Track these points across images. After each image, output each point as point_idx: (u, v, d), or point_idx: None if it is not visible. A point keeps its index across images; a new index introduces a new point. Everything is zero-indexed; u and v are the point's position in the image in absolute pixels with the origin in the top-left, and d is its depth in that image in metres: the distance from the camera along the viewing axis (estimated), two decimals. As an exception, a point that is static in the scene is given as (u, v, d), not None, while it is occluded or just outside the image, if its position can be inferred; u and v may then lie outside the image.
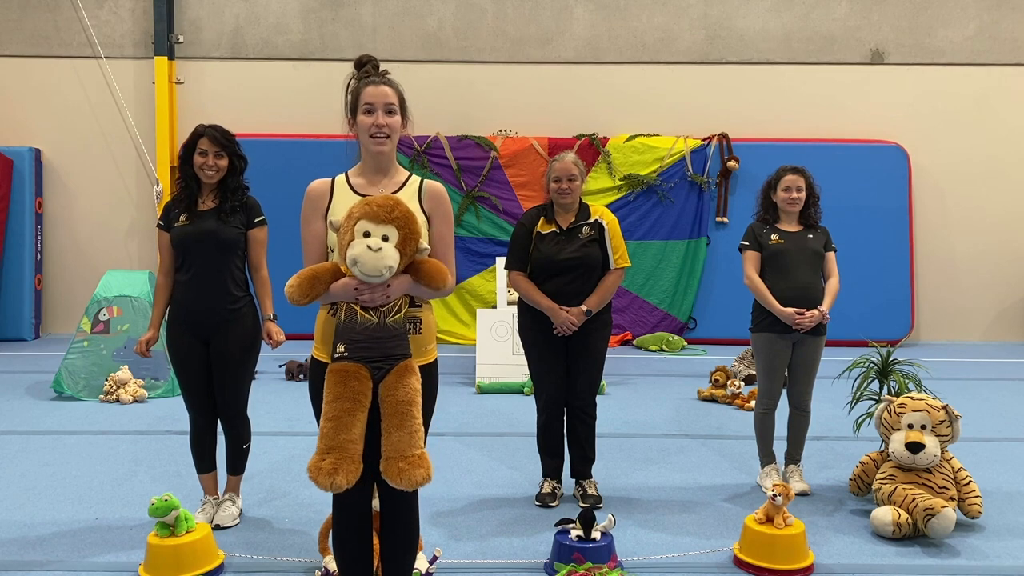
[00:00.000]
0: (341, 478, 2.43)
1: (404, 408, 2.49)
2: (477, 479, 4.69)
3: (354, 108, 2.70)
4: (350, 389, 2.46)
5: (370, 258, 2.42)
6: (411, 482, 2.47)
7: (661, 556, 3.63)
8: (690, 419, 6.16)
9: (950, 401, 4.22)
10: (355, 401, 2.46)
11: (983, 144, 10.05)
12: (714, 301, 9.77)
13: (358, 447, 2.48)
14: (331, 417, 2.46)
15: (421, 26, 10.04)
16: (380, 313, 2.51)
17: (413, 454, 2.48)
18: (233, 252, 3.85)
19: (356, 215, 2.47)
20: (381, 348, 2.50)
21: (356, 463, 2.47)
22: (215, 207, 3.84)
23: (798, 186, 4.43)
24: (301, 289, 2.47)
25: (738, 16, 10.05)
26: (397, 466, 2.47)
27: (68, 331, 9.24)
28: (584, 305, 4.12)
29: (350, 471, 2.45)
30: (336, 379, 2.48)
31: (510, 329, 7.15)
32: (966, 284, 10.19)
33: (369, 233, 2.45)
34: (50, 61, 10.02)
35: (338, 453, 2.44)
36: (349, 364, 2.48)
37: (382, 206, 2.46)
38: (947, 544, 3.82)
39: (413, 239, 2.50)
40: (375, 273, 2.43)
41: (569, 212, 4.23)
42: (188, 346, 3.84)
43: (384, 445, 2.50)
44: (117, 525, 3.96)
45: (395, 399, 2.48)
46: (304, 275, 2.49)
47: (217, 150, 3.80)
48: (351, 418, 2.46)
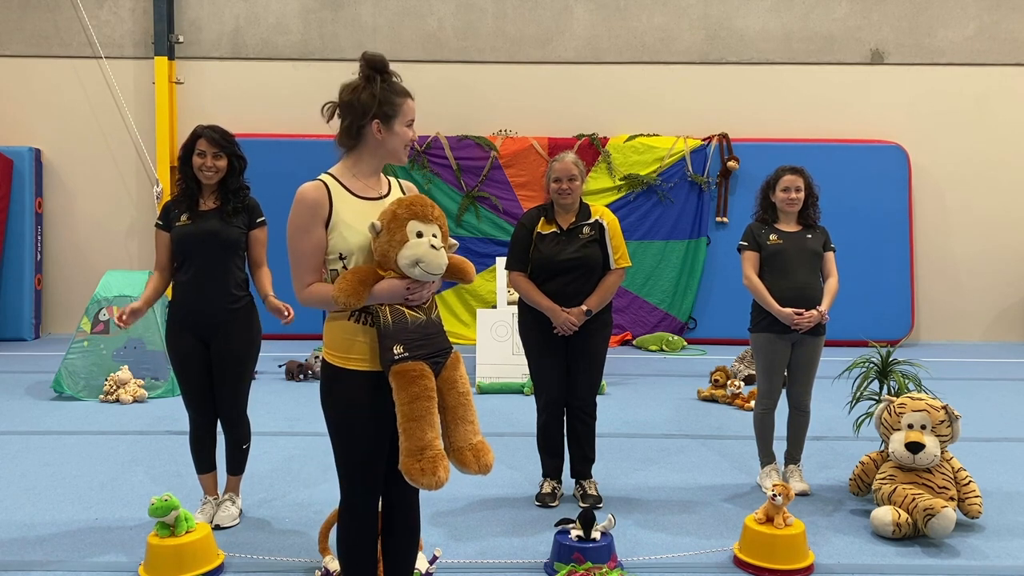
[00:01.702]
0: (443, 473, 2.46)
1: (465, 399, 2.58)
2: (477, 479, 4.63)
3: (387, 115, 2.60)
4: (423, 387, 2.47)
5: (435, 256, 2.47)
6: (486, 465, 2.55)
7: (661, 556, 3.63)
8: (690, 419, 6.16)
9: (950, 401, 4.22)
10: (431, 399, 2.49)
11: (983, 144, 10.04)
12: (714, 301, 9.77)
13: (441, 443, 2.53)
14: (415, 417, 2.45)
15: (421, 26, 10.05)
16: (424, 310, 2.56)
17: (476, 441, 2.57)
18: (235, 252, 3.86)
19: (404, 216, 2.48)
20: (434, 343, 2.56)
21: (446, 458, 2.52)
22: (217, 208, 3.84)
23: (796, 186, 4.43)
24: (354, 294, 2.43)
25: (738, 16, 10.05)
26: (470, 455, 2.54)
27: (68, 331, 9.24)
28: (584, 305, 4.12)
29: (446, 467, 2.49)
30: (406, 380, 2.47)
31: (510, 329, 7.15)
32: (966, 284, 10.19)
33: (422, 233, 2.48)
34: (50, 61, 10.02)
35: (432, 451, 2.46)
36: (413, 364, 2.48)
37: (425, 205, 2.53)
38: (947, 544, 3.82)
39: (446, 236, 2.59)
40: (438, 271, 2.50)
41: (569, 212, 4.22)
42: (188, 346, 3.84)
43: (452, 437, 2.55)
44: (117, 525, 3.96)
45: (457, 391, 2.57)
46: (351, 280, 2.45)
47: (215, 151, 3.80)
48: (432, 416, 2.49)
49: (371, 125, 2.60)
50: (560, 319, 4.09)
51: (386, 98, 2.60)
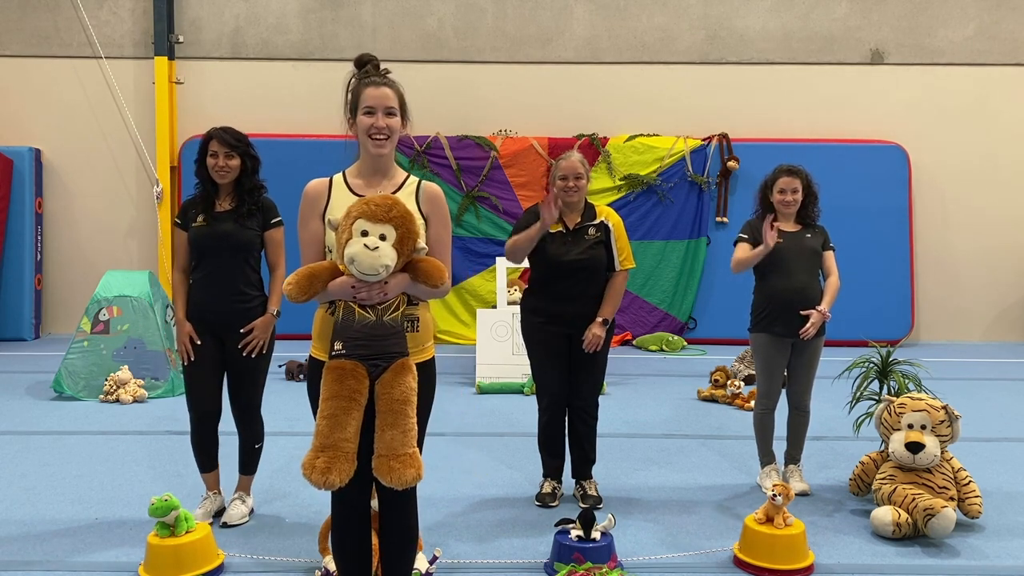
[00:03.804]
0: (335, 476, 2.45)
1: (399, 407, 2.50)
2: (477, 479, 4.69)
3: (354, 108, 2.69)
4: (346, 387, 2.47)
5: (367, 256, 2.44)
6: (401, 481, 2.48)
7: (661, 556, 3.63)
8: (690, 419, 6.16)
9: (950, 401, 4.22)
10: (351, 399, 2.47)
11: (983, 144, 10.04)
12: (714, 301, 9.77)
13: (352, 446, 2.49)
14: (327, 415, 2.48)
15: (421, 26, 10.04)
16: (378, 311, 2.52)
17: (405, 453, 2.49)
18: (248, 254, 3.90)
19: (354, 214, 2.49)
20: (378, 346, 2.51)
21: (350, 462, 2.48)
22: (232, 209, 3.88)
23: (793, 188, 4.42)
24: (299, 287, 2.49)
25: (738, 16, 10.05)
26: (388, 464, 2.48)
27: (68, 331, 9.23)
28: (600, 316, 4.13)
29: (343, 470, 2.46)
30: (333, 377, 2.49)
31: (510, 329, 7.15)
32: (966, 284, 10.19)
33: (367, 232, 2.46)
34: (50, 61, 10.02)
35: (332, 451, 2.46)
36: (346, 362, 2.50)
37: (380, 205, 2.48)
38: (947, 544, 3.82)
39: (411, 238, 2.51)
40: (371, 272, 2.45)
41: (574, 211, 4.22)
42: (202, 343, 3.87)
43: (377, 443, 2.51)
44: (117, 525, 3.96)
45: (390, 397, 2.49)
46: (302, 273, 2.51)
47: (227, 151, 3.84)
48: (346, 416, 2.47)
49: (351, 122, 2.72)
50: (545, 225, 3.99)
51: (354, 91, 2.71)
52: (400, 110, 2.71)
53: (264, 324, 3.90)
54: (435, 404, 2.80)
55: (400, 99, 2.71)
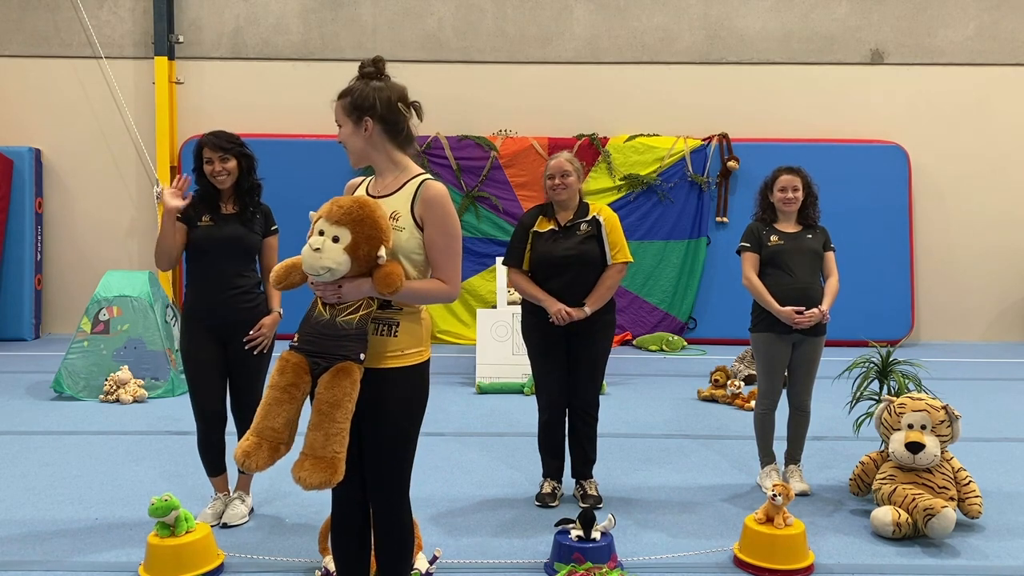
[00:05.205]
0: (251, 461, 2.48)
1: (327, 408, 2.47)
2: (477, 479, 4.69)
3: None
4: (284, 379, 2.51)
5: (308, 256, 2.48)
6: (307, 483, 2.45)
7: (661, 556, 3.63)
8: (690, 419, 6.16)
9: (950, 401, 4.22)
10: (285, 391, 2.50)
11: (983, 144, 10.04)
12: (714, 301, 9.76)
13: (280, 435, 2.51)
14: (263, 403, 2.53)
15: (421, 26, 10.04)
16: (333, 311, 2.53)
17: (323, 456, 2.46)
18: (252, 256, 3.96)
19: (319, 213, 2.53)
20: (323, 344, 2.51)
21: (274, 451, 2.51)
22: (237, 212, 3.91)
23: (794, 186, 4.43)
24: (277, 275, 2.64)
25: (738, 16, 10.04)
26: (301, 463, 2.47)
27: (68, 331, 9.23)
28: (586, 304, 4.12)
29: (262, 457, 2.48)
30: (277, 367, 2.54)
31: (510, 329, 7.15)
32: (966, 284, 10.18)
33: (323, 232, 2.48)
34: (50, 61, 10.01)
35: (257, 438, 2.49)
36: (292, 355, 2.54)
37: (341, 207, 2.49)
38: (947, 544, 3.82)
39: (366, 244, 2.46)
40: (312, 272, 2.49)
41: (567, 210, 4.23)
42: (205, 344, 3.88)
43: (306, 439, 2.51)
44: (117, 525, 3.96)
45: (322, 398, 2.49)
46: (284, 263, 2.63)
47: (221, 154, 3.84)
48: (278, 407, 2.50)
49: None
50: (554, 309, 4.08)
51: None
52: (347, 117, 2.64)
53: (272, 323, 3.94)
54: (435, 404, 2.81)
55: (345, 108, 2.65)
